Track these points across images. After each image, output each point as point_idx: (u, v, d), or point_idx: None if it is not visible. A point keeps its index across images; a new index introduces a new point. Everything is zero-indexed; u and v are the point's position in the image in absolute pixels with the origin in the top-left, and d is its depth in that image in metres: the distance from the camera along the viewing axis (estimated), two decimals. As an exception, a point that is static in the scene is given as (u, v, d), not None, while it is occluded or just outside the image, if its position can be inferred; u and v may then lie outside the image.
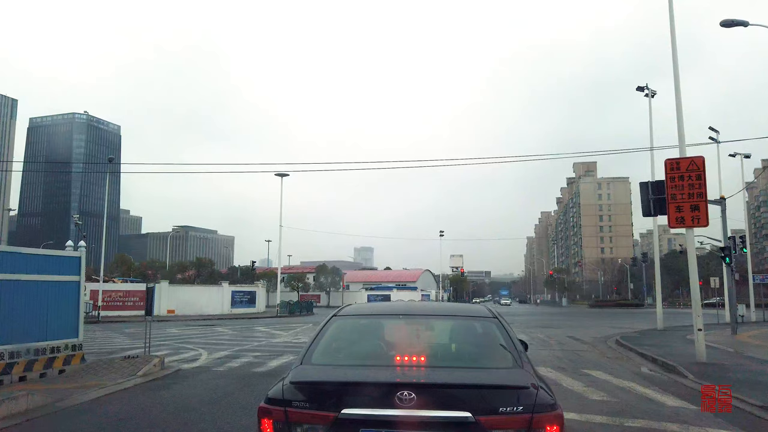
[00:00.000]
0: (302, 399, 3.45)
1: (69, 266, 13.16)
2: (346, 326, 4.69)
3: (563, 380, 11.28)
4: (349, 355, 4.36)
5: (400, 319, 4.95)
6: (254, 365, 13.81)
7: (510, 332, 4.32)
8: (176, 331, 27.81)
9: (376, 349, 4.40)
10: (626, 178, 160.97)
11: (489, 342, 4.31)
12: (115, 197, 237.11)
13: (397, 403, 3.27)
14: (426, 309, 5.98)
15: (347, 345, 4.49)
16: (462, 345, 4.51)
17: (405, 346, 4.28)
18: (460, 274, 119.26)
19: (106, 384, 10.57)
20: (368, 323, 4.93)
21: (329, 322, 4.56)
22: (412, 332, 4.65)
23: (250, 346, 19.48)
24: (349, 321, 4.84)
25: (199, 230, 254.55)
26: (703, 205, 13.41)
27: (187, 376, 12.28)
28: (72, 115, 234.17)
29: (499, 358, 4.07)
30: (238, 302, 53.43)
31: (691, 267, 13.75)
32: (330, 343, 4.32)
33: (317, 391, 3.58)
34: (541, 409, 3.30)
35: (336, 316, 4.74)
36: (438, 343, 4.65)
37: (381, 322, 4.92)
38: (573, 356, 16.41)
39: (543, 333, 26.59)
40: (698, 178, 13.52)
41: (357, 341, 4.58)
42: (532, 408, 3.28)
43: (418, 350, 4.21)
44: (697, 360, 13.32)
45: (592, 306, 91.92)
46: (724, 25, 19.67)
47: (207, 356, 16.00)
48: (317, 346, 4.20)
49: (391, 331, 4.67)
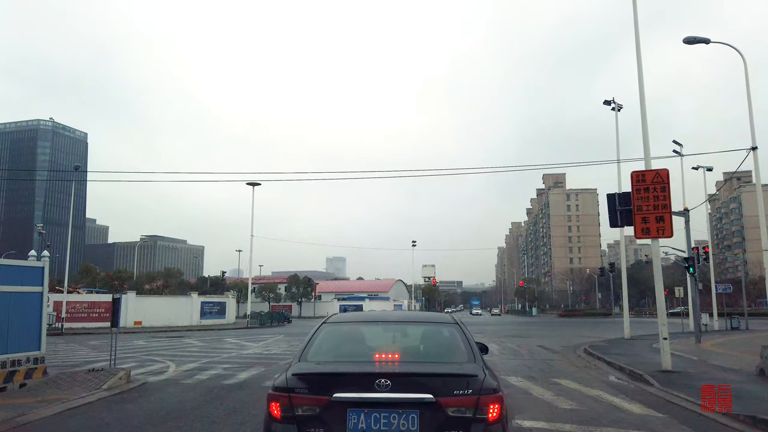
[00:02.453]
0: (302, 387, 4.25)
1: (31, 277, 12.80)
2: (334, 331, 5.53)
3: (534, 389, 11.38)
4: (338, 353, 5.11)
5: (378, 325, 5.90)
6: (224, 377, 13.58)
7: (467, 335, 5.11)
8: (143, 343, 27.20)
9: (359, 349, 5.21)
10: (594, 190, 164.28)
11: (450, 343, 5.11)
12: (81, 206, 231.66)
13: (376, 388, 4.10)
14: (400, 317, 7.29)
15: (335, 346, 5.24)
16: (428, 345, 5.33)
17: (382, 346, 5.23)
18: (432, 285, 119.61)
19: (70, 398, 10.26)
20: (352, 328, 5.82)
21: (320, 329, 5.38)
22: (389, 335, 5.63)
23: (219, 358, 19.16)
24: (337, 327, 5.68)
25: (167, 240, 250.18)
26: (668, 216, 13.75)
27: (155, 389, 12.01)
28: (37, 121, 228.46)
29: (458, 354, 4.85)
30: (207, 313, 52.57)
31: (656, 277, 14.06)
32: (321, 344, 5.12)
33: (313, 380, 4.38)
34: (486, 392, 4.15)
35: (325, 323, 5.60)
36: (409, 343, 5.49)
37: (362, 328, 5.84)
38: (543, 365, 16.57)
39: (513, 342, 26.81)
40: (663, 190, 13.86)
41: (344, 343, 5.39)
42: (479, 391, 4.12)
43: (393, 349, 5.19)
44: (662, 368, 13.58)
45: (561, 315, 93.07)
46: (686, 42, 20.35)
47: (175, 369, 15.68)
48: (311, 347, 5.02)
49: (371, 334, 5.58)
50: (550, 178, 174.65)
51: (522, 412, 8.99)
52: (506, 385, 12.01)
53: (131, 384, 12.37)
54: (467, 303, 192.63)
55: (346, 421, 4.07)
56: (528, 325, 55.77)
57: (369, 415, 4.05)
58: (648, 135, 14.39)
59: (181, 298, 54.71)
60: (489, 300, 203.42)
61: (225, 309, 55.36)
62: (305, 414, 4.16)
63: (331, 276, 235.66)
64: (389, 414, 4.05)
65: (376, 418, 4.05)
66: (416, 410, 4.05)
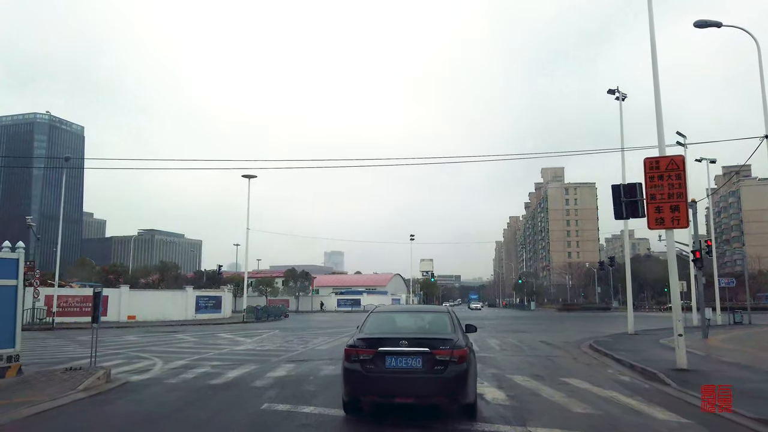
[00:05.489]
0: (362, 344, 7.70)
1: (5, 269, 12.02)
2: (377, 316, 9.07)
3: (542, 390, 10.60)
4: (380, 328, 8.52)
5: (402, 313, 10.53)
6: (211, 376, 12.77)
7: (454, 318, 8.74)
8: (134, 339, 26.39)
9: (391, 325, 8.93)
10: (593, 184, 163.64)
11: (443, 322, 8.67)
12: (77, 200, 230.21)
13: (400, 345, 7.54)
14: (414, 308, 13.28)
15: (379, 324, 8.71)
16: (430, 323, 9.06)
17: (405, 324, 9.10)
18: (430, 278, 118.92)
19: (40, 400, 9.43)
20: (388, 314, 9.74)
21: (370, 315, 8.99)
22: (408, 318, 9.63)
23: (210, 355, 18.35)
24: (379, 314, 9.27)
25: (165, 234, 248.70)
26: (683, 205, 12.94)
27: (135, 389, 11.20)
28: (33, 115, 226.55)
29: (446, 329, 8.36)
30: (202, 308, 51.73)
31: (671, 269, 13.27)
32: (371, 323, 8.61)
33: (368, 341, 7.75)
34: (456, 348, 7.57)
35: (373, 312, 9.18)
36: (419, 323, 9.20)
37: (393, 314, 10.03)
38: (548, 362, 15.81)
39: (514, 337, 26.04)
40: (678, 178, 13.05)
41: (383, 322, 8.92)
42: (453, 347, 7.55)
43: (410, 326, 9.02)
44: (677, 366, 12.79)
45: (560, 310, 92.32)
46: (697, 26, 19.48)
47: (161, 366, 14.86)
48: (365, 325, 8.51)
49: (398, 317, 9.58)
50: (548, 172, 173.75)
51: (534, 417, 8.21)
52: (512, 385, 11.24)
53: (111, 384, 11.56)
54: (465, 297, 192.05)
55: (384, 361, 7.52)
56: (527, 319, 55.07)
57: (396, 358, 7.52)
58: (662, 119, 13.56)
59: (176, 292, 53.86)
60: (487, 294, 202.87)
61: (221, 303, 54.51)
62: (363, 358, 7.60)
63: (329, 270, 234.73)
64: (406, 358, 7.51)
65: (400, 360, 7.52)
66: (420, 356, 7.49)
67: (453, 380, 7.40)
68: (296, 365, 14.86)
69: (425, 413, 8.04)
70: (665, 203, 13.06)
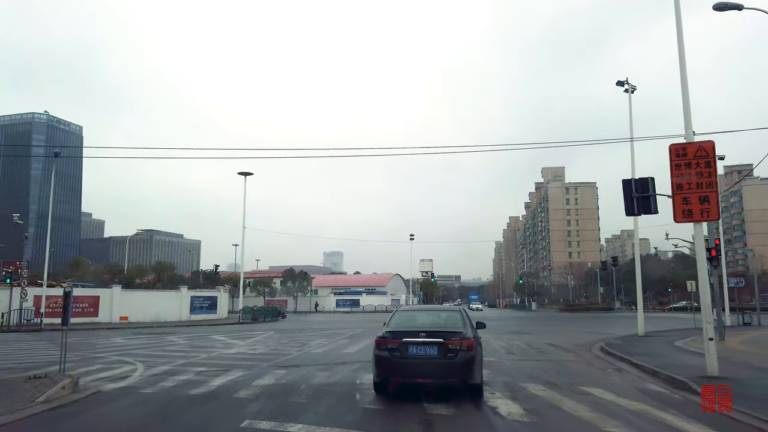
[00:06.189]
0: (390, 336, 9.62)
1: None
2: (401, 314, 11.29)
3: (562, 402, 9.38)
4: (404, 323, 10.61)
5: (422, 311, 12.72)
6: (192, 385, 11.54)
7: (465, 316, 10.70)
8: (121, 341, 25.15)
9: (412, 321, 10.94)
10: (593, 183, 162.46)
11: (456, 319, 10.58)
12: (76, 200, 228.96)
13: (420, 336, 9.45)
14: (432, 308, 14.75)
15: (402, 320, 10.76)
16: (445, 319, 10.95)
17: (424, 320, 11.04)
18: (430, 279, 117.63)
19: (-12, 416, 8.21)
20: (410, 312, 12.28)
21: (395, 313, 11.12)
22: (427, 315, 11.66)
23: (198, 359, 17.14)
24: (402, 312, 11.68)
25: (164, 234, 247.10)
26: (713, 196, 11.72)
27: (104, 400, 9.98)
28: (32, 115, 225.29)
29: (457, 324, 10.25)
30: (197, 308, 50.49)
31: (699, 266, 12.03)
32: (395, 319, 10.61)
33: (395, 333, 9.66)
34: (465, 338, 9.49)
35: (397, 311, 11.47)
36: (435, 319, 11.10)
37: (414, 312, 12.49)
38: (560, 368, 14.60)
39: (520, 340, 24.83)
40: (708, 166, 11.84)
41: (406, 319, 11.06)
42: (462, 338, 9.49)
43: (428, 321, 10.93)
44: (707, 374, 11.58)
45: (562, 310, 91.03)
46: (716, 8, 18.25)
47: (141, 373, 13.64)
48: (391, 321, 10.45)
49: (418, 315, 11.81)
50: (548, 171, 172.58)
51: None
52: (528, 396, 10.02)
53: (78, 394, 10.34)
54: (465, 297, 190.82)
55: (408, 349, 9.31)
56: (530, 320, 53.87)
57: (417, 347, 9.30)
58: (689, 102, 12.34)
59: (170, 292, 52.60)
60: (487, 294, 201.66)
61: (216, 303, 53.26)
62: (391, 347, 9.43)
63: (328, 270, 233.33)
64: (425, 347, 9.28)
65: (420, 348, 9.29)
66: (436, 345, 9.27)
67: (462, 365, 9.22)
68: (287, 371, 13.64)
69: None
70: (693, 193, 11.86)
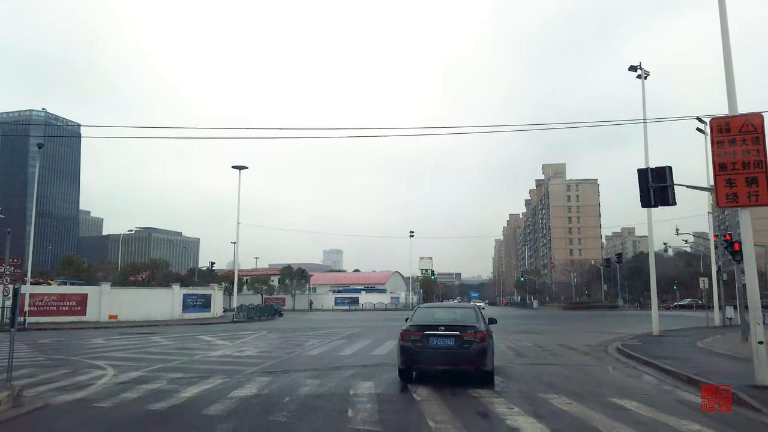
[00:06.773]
0: (413, 329, 11.23)
1: None
2: (422, 311, 12.86)
3: (596, 421, 7.77)
4: (424, 318, 11.99)
5: (441, 308, 14.61)
6: (159, 396, 9.92)
7: (478, 312, 12.35)
8: (101, 342, 23.54)
9: (432, 317, 12.24)
10: (595, 180, 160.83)
11: (470, 315, 12.18)
12: (74, 197, 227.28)
13: (439, 329, 11.08)
14: (449, 305, 18.27)
15: (423, 316, 12.23)
16: (461, 316, 12.39)
17: (442, 316, 12.41)
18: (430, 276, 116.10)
19: None
20: (430, 309, 13.77)
21: (417, 309, 13.01)
22: (445, 312, 13.33)
23: (176, 363, 15.51)
24: (423, 309, 13.30)
25: (162, 232, 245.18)
26: (763, 177, 10.13)
27: (47, 417, 8.40)
28: (29, 112, 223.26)
29: (472, 319, 11.79)
30: (190, 306, 48.88)
31: (746, 259, 10.46)
32: (417, 315, 12.25)
33: (417, 326, 11.28)
34: (479, 331, 10.99)
35: (419, 308, 13.23)
36: (452, 315, 12.52)
37: (434, 309, 14.05)
38: (581, 374, 13.02)
39: (528, 340, 23.23)
40: (756, 142, 10.23)
41: (426, 315, 12.48)
42: (476, 331, 11.00)
43: (446, 317, 12.27)
44: (757, 383, 9.99)
45: (565, 308, 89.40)
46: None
47: (107, 380, 12.05)
48: (414, 316, 12.06)
49: (437, 311, 13.58)
50: (549, 168, 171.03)
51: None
52: (553, 412, 8.44)
53: (19, 409, 8.75)
54: (465, 295, 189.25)
55: (429, 340, 10.83)
56: (534, 318, 52.24)
57: (437, 338, 10.82)
58: (732, 68, 10.72)
59: (161, 290, 50.95)
60: (487, 292, 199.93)
61: (210, 302, 51.65)
62: (414, 339, 10.97)
63: (327, 268, 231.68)
64: (443, 338, 10.80)
65: (439, 340, 10.81)
66: (453, 337, 10.81)
67: (476, 354, 10.67)
68: (272, 379, 12.04)
69: None
70: (739, 174, 10.27)
